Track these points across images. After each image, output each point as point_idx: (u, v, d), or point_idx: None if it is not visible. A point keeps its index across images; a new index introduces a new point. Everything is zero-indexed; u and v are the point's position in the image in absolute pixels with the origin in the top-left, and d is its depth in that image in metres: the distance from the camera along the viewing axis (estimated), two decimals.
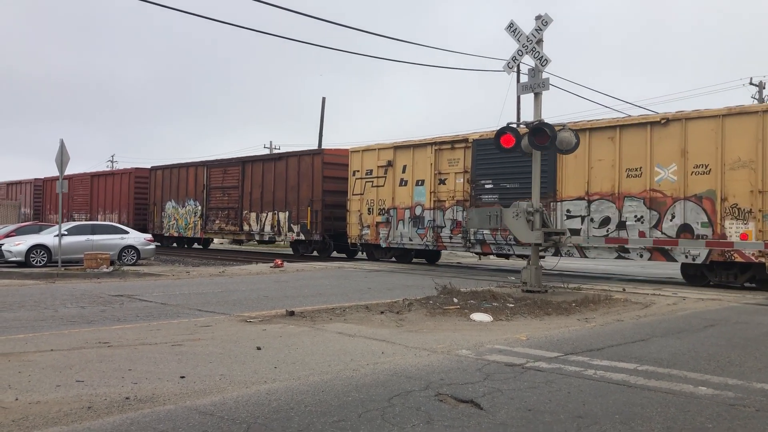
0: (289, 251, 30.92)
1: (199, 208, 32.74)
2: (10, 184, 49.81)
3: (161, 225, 35.45)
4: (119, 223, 34.24)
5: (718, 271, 15.80)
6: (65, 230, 21.32)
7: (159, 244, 37.26)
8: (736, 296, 13.75)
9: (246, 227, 30.05)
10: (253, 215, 29.72)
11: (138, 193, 37.60)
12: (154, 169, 36.68)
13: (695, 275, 16.39)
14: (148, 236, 24.60)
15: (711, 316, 10.72)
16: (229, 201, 31.10)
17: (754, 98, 40.77)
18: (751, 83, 42.12)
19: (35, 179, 46.70)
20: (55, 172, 20.17)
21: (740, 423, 4.86)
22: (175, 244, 36.08)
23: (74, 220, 37.75)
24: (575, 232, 17.54)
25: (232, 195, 30.95)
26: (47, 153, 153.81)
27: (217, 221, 31.69)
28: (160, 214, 35.69)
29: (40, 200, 46.43)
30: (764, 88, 41.97)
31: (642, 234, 16.57)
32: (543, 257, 17.53)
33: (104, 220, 36.77)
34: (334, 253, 27.90)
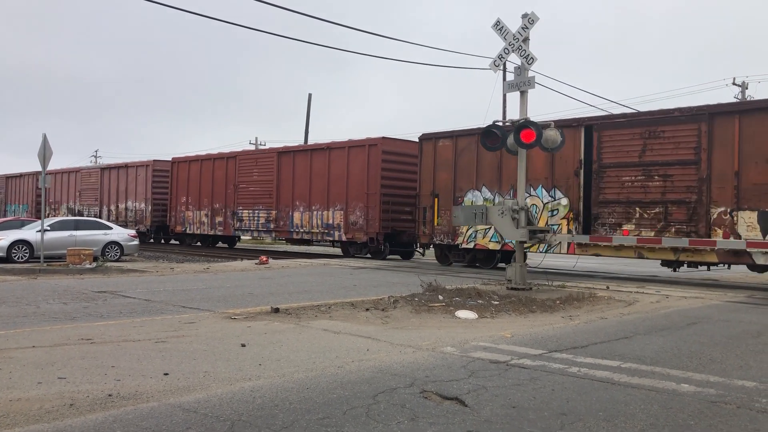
0: None
1: (565, 201, 18.58)
2: (107, 169, 37.96)
3: (450, 228, 21.06)
4: (346, 225, 24.52)
5: None
6: (48, 225, 21.11)
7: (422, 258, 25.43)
8: (718, 294, 13.90)
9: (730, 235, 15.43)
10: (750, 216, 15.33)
11: (390, 178, 23.84)
12: (432, 138, 21.76)
13: None
14: (132, 232, 24.43)
15: (694, 313, 10.82)
16: (666, 186, 16.72)
17: (737, 98, 41.17)
18: (734, 83, 42.57)
19: (154, 161, 34.93)
20: (166, 155, 18.25)
21: (721, 420, 4.91)
22: (478, 264, 21.10)
23: (240, 220, 28.60)
24: None
25: (684, 177, 16.47)
26: (13, 148, 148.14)
27: (632, 224, 17.15)
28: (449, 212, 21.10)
29: (164, 189, 34.10)
30: (746, 88, 42.42)
31: None
32: None
33: (308, 220, 25.93)
34: None
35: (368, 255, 24.89)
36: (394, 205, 24.04)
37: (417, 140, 22.75)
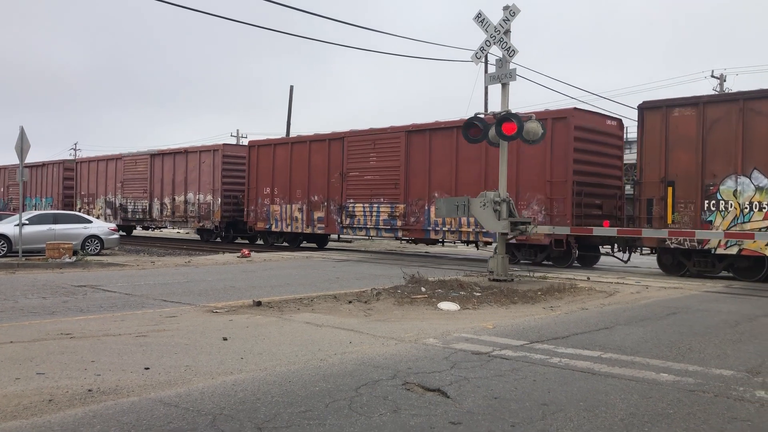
0: None
1: None
2: (160, 155, 31.90)
3: (697, 226, 15.83)
4: None
5: None
6: (26, 219, 20.85)
7: None
8: (696, 285, 14.05)
9: None
10: None
11: (583, 162, 18.55)
12: (660, 107, 16.64)
13: None
14: (112, 225, 24.21)
15: (673, 304, 10.94)
16: None
17: (716, 90, 41.57)
18: (712, 76, 42.99)
19: (224, 145, 29.70)
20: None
21: (700, 408, 4.97)
22: (732, 274, 15.97)
23: (351, 216, 23.23)
24: None
25: None
26: None
27: None
28: (693, 206, 16.13)
29: (237, 178, 28.62)
30: (725, 80, 42.85)
31: None
32: None
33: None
34: None
35: (546, 261, 19.43)
36: (587, 197, 18.63)
37: (612, 114, 18.93)
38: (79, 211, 32.86)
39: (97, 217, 31.19)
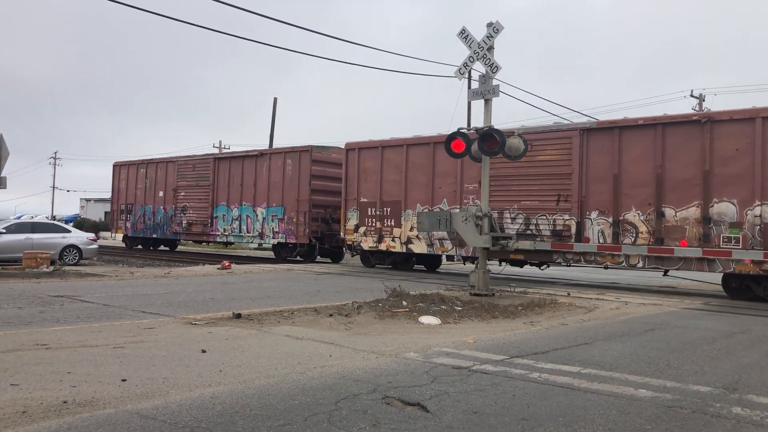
0: None
1: None
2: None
3: None
4: None
5: None
6: (3, 228, 20.59)
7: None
8: (675, 301, 14.18)
9: None
10: None
11: None
12: None
13: None
14: (91, 235, 23.97)
15: (651, 320, 11.02)
16: None
17: (695, 109, 42.19)
18: (691, 95, 43.65)
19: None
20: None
21: (677, 424, 5.00)
22: None
23: None
24: None
25: None
26: None
27: None
28: None
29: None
30: (703, 100, 43.51)
31: None
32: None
33: None
34: None
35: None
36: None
37: None
38: (364, 234, 22.42)
39: (404, 243, 21.03)
